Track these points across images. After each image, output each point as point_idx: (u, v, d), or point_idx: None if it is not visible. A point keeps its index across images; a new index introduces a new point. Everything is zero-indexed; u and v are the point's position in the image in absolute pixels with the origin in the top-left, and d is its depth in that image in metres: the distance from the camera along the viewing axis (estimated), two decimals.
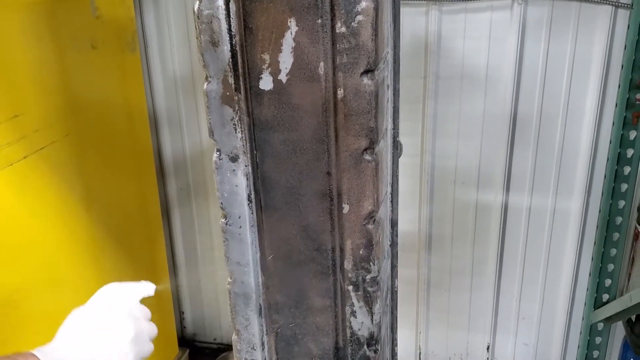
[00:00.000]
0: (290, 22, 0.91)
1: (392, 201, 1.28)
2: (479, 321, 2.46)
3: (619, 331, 2.28)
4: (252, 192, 1.12)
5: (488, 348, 2.50)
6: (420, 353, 2.59)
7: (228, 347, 2.80)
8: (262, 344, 1.27)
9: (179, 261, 2.75)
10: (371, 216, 1.08)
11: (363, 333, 1.20)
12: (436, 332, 2.54)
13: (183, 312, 2.86)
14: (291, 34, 0.92)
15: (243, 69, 0.99)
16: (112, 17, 2.04)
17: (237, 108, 1.03)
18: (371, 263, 1.12)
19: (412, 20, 2.05)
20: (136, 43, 2.20)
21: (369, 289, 1.15)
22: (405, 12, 2.03)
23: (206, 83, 1.02)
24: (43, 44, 1.73)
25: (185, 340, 2.87)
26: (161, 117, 2.50)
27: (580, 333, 2.34)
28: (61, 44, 1.80)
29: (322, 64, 0.94)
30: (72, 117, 1.87)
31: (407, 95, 1.96)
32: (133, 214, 2.26)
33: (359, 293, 1.16)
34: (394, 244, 1.33)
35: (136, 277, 2.25)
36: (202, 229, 2.65)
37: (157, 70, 2.42)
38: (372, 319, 1.18)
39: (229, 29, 0.96)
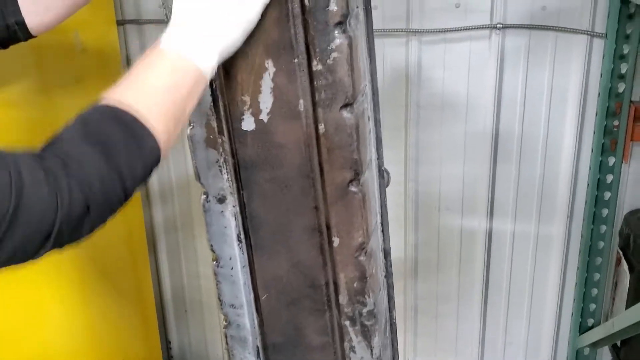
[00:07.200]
0: (267, 63, 0.92)
1: (382, 231, 1.27)
2: (466, 348, 2.45)
3: (606, 355, 2.28)
4: (242, 232, 1.10)
5: None
6: None
7: None
8: None
9: (165, 289, 2.72)
10: (362, 247, 1.07)
11: None
12: None
13: (169, 342, 2.82)
14: (269, 75, 0.93)
15: (225, 112, 0.99)
16: (97, 50, 2.05)
17: (221, 150, 1.03)
18: (366, 296, 1.11)
19: (393, 51, 2.08)
20: (122, 75, 2.20)
21: (367, 322, 1.14)
22: (385, 42, 2.06)
23: (189, 128, 1.03)
24: (29, 76, 1.74)
25: None
26: None
27: (567, 358, 2.34)
28: (46, 78, 1.81)
29: (301, 101, 0.94)
30: None
31: (389, 124, 1.97)
32: (118, 242, 2.23)
33: (357, 327, 1.14)
34: (388, 275, 1.32)
35: (121, 307, 2.24)
36: (188, 257, 2.63)
37: None
38: (372, 353, 1.16)
39: None
